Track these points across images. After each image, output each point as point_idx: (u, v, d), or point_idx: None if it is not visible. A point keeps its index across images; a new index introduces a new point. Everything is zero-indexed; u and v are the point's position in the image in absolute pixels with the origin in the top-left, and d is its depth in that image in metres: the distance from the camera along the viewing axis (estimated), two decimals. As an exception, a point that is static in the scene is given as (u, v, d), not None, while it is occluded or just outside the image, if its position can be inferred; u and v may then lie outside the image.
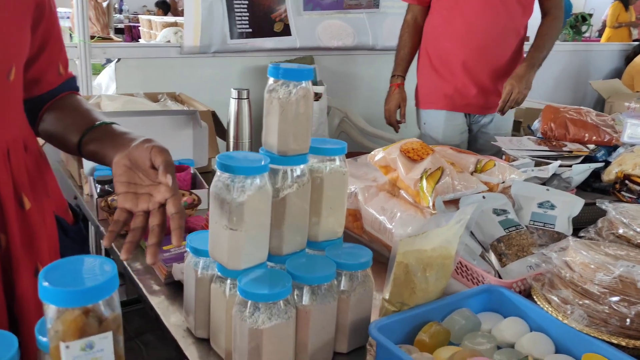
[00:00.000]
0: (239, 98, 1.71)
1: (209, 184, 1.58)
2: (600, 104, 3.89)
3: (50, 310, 0.50)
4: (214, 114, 1.82)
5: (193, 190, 1.48)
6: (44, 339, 0.57)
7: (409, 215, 1.16)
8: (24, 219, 0.85)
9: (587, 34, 7.04)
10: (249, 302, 0.76)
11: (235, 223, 0.77)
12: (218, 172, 0.78)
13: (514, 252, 1.10)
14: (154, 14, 8.24)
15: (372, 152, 1.31)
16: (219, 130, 1.86)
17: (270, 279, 0.78)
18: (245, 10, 2.23)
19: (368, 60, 2.90)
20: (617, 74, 4.47)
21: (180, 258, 1.09)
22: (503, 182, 1.28)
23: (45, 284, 0.50)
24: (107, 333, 0.50)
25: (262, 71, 2.44)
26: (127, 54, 2.13)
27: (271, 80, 0.81)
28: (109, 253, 2.07)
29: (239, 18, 2.22)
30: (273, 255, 0.85)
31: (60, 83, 0.98)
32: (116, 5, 8.06)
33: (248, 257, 0.80)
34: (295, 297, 0.81)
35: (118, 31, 7.52)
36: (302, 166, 0.84)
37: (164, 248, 1.14)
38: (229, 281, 0.82)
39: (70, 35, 1.93)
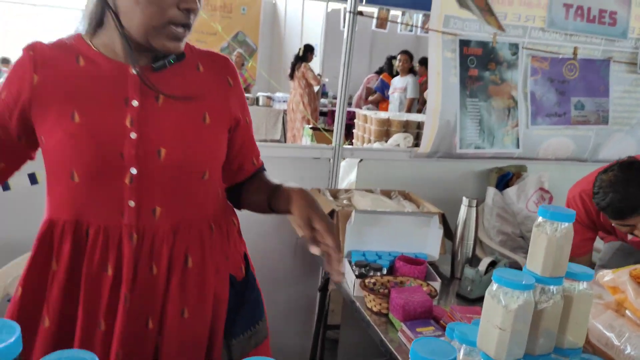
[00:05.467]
0: (469, 206, 2.00)
1: (439, 276, 1.86)
2: None
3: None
4: (443, 216, 2.12)
5: (429, 282, 1.76)
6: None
7: (638, 336, 1.29)
8: (184, 273, 1.15)
9: None
10: (512, 388, 0.99)
11: (505, 325, 1.02)
12: (494, 284, 1.05)
13: None
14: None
15: (601, 273, 1.47)
16: (445, 229, 2.15)
17: (529, 373, 1.01)
18: (478, 124, 2.54)
19: (578, 169, 3.00)
20: None
21: (432, 341, 1.36)
22: None
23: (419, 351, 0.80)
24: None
25: (480, 174, 2.71)
26: (368, 156, 2.56)
27: (540, 219, 1.07)
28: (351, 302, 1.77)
29: (470, 130, 2.53)
30: (526, 354, 1.07)
31: (254, 171, 1.31)
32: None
33: (510, 353, 1.03)
34: (546, 391, 1.02)
35: (321, 114, 8.32)
36: (558, 286, 1.07)
37: (417, 330, 1.42)
38: (490, 368, 1.06)
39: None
